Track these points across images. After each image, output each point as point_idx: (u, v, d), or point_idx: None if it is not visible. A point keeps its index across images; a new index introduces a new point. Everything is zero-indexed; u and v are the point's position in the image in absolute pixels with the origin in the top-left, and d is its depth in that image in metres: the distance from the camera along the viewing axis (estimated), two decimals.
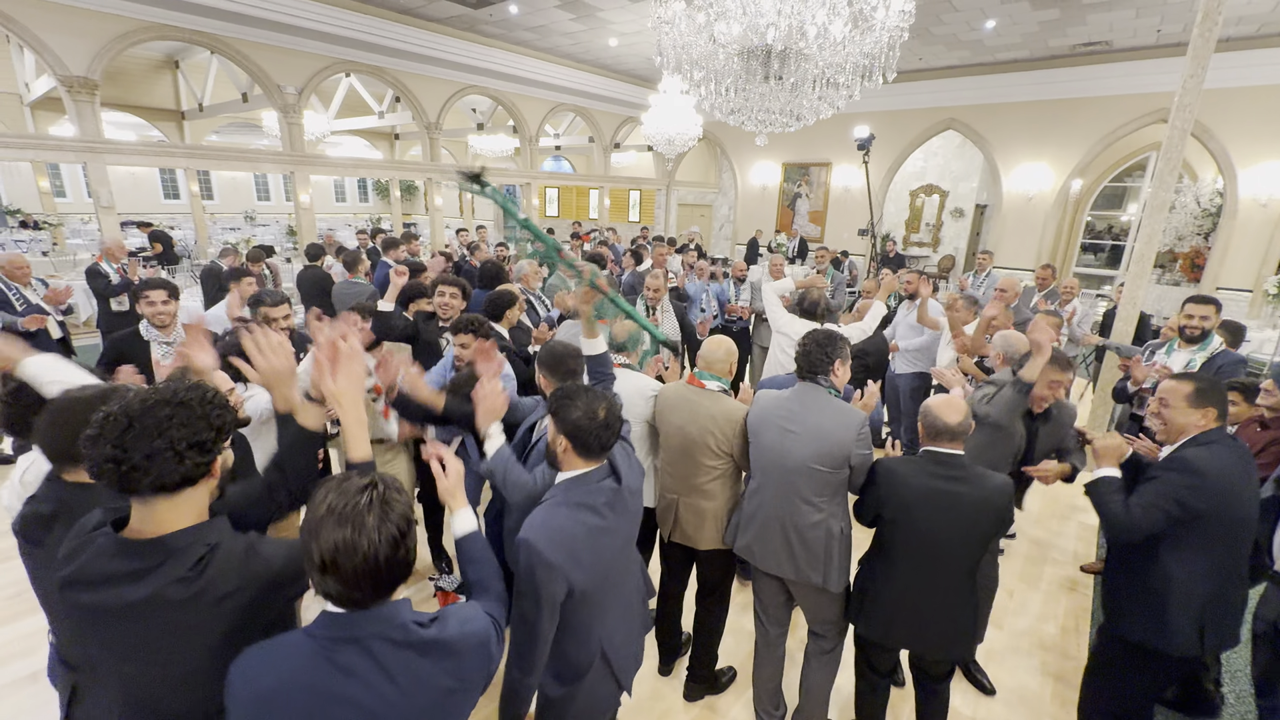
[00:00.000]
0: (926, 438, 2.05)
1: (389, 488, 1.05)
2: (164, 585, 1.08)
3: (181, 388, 1.13)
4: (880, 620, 2.11)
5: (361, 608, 1.04)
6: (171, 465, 1.06)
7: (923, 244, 14.42)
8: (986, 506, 1.95)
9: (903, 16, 3.59)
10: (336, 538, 0.98)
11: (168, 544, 1.10)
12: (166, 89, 12.70)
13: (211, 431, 1.12)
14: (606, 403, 1.61)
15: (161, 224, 15.81)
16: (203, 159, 9.41)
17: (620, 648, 1.75)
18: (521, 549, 1.48)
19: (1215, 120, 8.85)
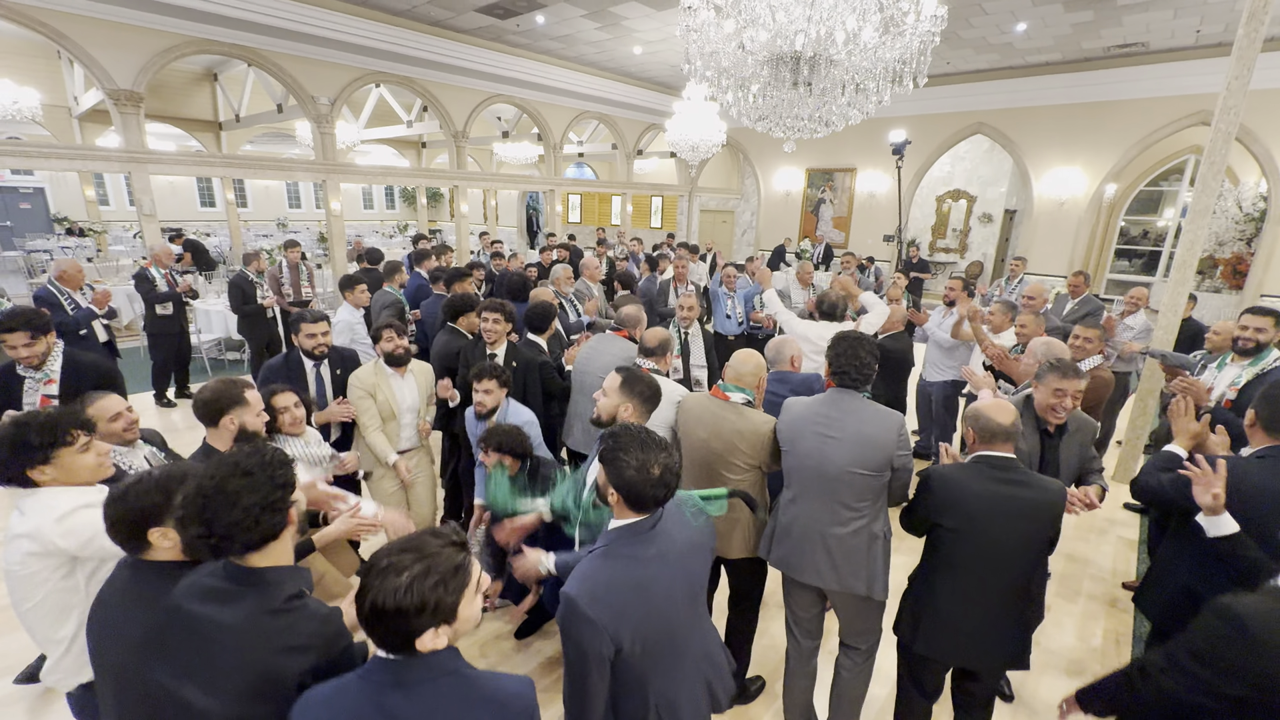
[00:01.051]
0: (980, 441, 1.99)
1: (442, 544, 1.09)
2: (255, 612, 1.19)
3: (242, 456, 1.25)
4: (943, 636, 2.01)
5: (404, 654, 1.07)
6: (252, 529, 1.20)
7: (949, 250, 14.19)
8: (1048, 509, 1.90)
9: (934, 21, 3.54)
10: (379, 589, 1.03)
11: (266, 575, 1.24)
12: (205, 101, 13.13)
13: (279, 491, 1.24)
14: (664, 455, 1.48)
15: (198, 232, 16.35)
16: (239, 168, 9.70)
17: (683, 708, 1.59)
18: (563, 604, 1.42)
19: (1259, 122, 8.57)
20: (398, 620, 1.03)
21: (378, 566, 1.05)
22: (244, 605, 1.19)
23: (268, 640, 1.16)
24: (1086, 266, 11.80)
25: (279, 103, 10.75)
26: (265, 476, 1.23)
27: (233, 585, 1.21)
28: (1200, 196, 4.37)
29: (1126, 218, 13.25)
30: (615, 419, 2.09)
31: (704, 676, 1.68)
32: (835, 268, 10.57)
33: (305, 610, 1.23)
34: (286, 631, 1.18)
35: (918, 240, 14.35)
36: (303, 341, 3.11)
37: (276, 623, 1.19)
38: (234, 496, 1.18)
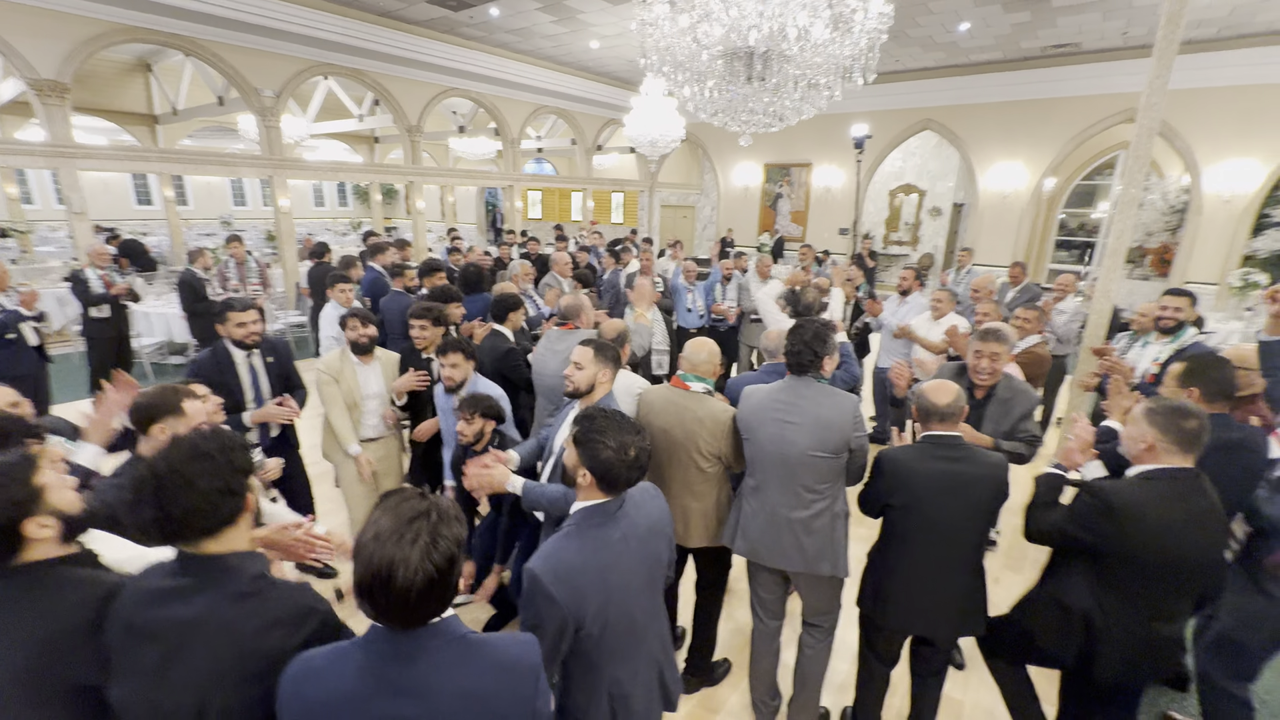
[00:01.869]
0: (921, 422, 2.10)
1: (442, 519, 1.05)
2: (218, 602, 1.14)
3: (199, 439, 1.20)
4: (900, 606, 2.13)
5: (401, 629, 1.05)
6: (209, 514, 1.15)
7: (902, 242, 14.66)
8: (989, 481, 2.02)
9: (881, 19, 3.66)
10: (377, 563, 0.99)
11: (224, 560, 1.18)
12: (138, 92, 12.43)
13: (238, 475, 1.20)
14: (638, 438, 1.51)
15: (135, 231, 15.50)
16: (178, 163, 9.23)
17: (635, 702, 1.58)
18: (525, 579, 1.43)
19: (1180, 120, 9.14)
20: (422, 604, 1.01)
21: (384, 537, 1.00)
22: (208, 596, 1.14)
23: (242, 623, 1.12)
24: (1028, 257, 12.36)
25: (220, 95, 10.28)
26: (224, 460, 1.18)
27: (191, 579, 1.16)
28: (1126, 189, 4.64)
29: (1065, 210, 13.94)
30: (594, 388, 2.18)
31: (658, 665, 1.69)
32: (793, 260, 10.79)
33: (274, 586, 1.20)
34: (260, 610, 1.14)
35: (872, 233, 14.77)
36: (231, 331, 3.00)
37: (247, 605, 1.15)
38: (191, 479, 1.13)
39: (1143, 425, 1.84)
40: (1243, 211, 9.20)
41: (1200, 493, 1.79)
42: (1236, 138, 8.98)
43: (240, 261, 6.29)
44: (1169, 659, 1.87)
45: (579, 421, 1.54)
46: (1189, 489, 1.78)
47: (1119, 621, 1.82)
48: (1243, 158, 9.00)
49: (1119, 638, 1.82)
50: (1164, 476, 1.80)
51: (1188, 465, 1.80)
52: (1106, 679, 1.87)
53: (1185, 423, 1.77)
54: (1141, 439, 1.84)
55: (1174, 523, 1.73)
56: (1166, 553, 1.74)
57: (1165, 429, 1.79)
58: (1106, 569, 1.83)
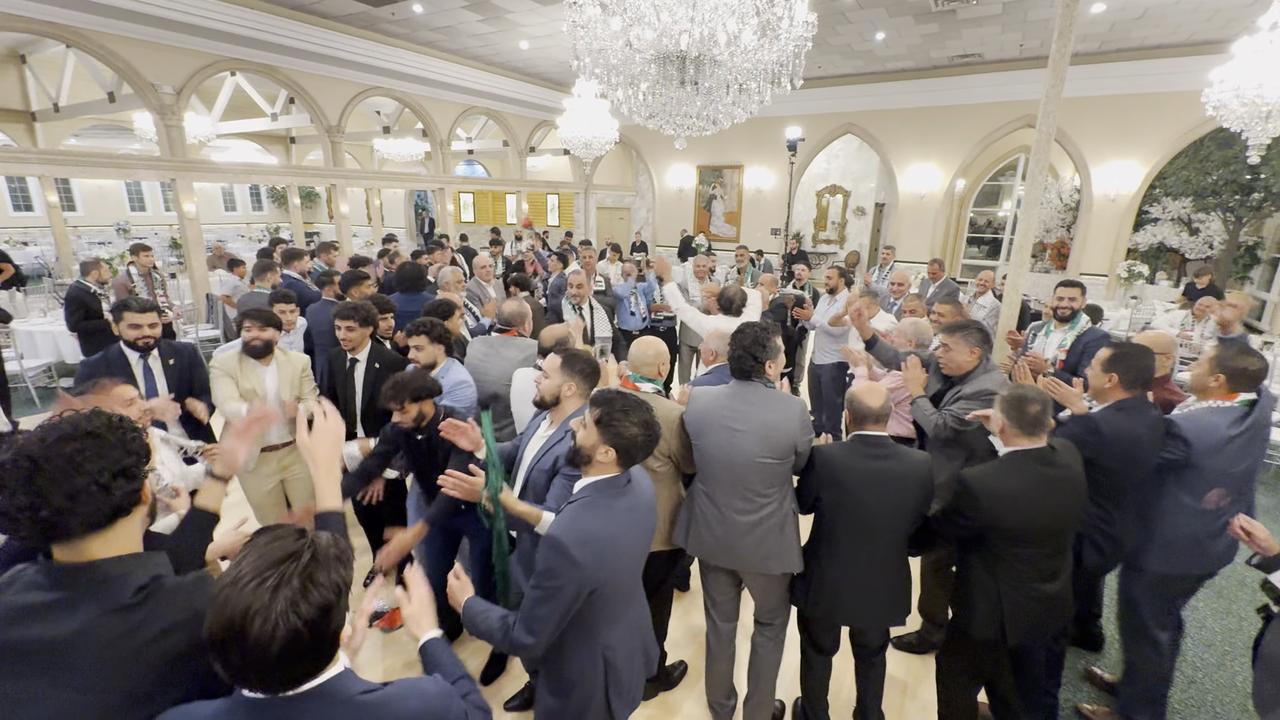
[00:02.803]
0: (854, 423, 2.19)
1: (317, 560, 0.89)
2: (97, 616, 0.95)
3: (82, 419, 1.01)
4: (827, 599, 2.21)
5: (272, 692, 0.89)
6: (99, 500, 0.96)
7: (830, 241, 15.28)
8: (913, 479, 2.12)
9: (806, 27, 3.78)
10: (229, 612, 0.83)
11: (102, 569, 0.99)
12: (12, 86, 11.17)
13: (132, 456, 1.02)
14: (652, 414, 1.65)
15: (11, 240, 13.94)
16: (62, 165, 8.34)
17: (622, 667, 1.69)
18: (547, 547, 1.49)
19: (1071, 125, 10.00)
20: (286, 664, 0.85)
21: (241, 582, 0.85)
22: (83, 611, 0.95)
23: (126, 640, 0.95)
24: (944, 254, 13.18)
25: (110, 91, 9.39)
26: (115, 439, 1.00)
27: (61, 592, 0.96)
28: (1030, 189, 5.01)
29: (974, 209, 14.96)
30: (559, 399, 2.16)
31: (641, 631, 1.80)
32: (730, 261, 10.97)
33: (163, 591, 1.01)
34: (148, 621, 0.97)
35: (801, 233, 15.31)
36: (125, 332, 2.88)
37: (131, 618, 0.97)
38: (76, 459, 0.95)
39: (996, 410, 2.10)
40: (1125, 209, 10.18)
41: (1050, 464, 2.02)
42: (1119, 142, 9.93)
43: (145, 273, 5.75)
44: (1058, 614, 2.13)
45: (599, 405, 1.63)
46: (1038, 462, 2.02)
47: (1012, 587, 2.05)
48: (1124, 159, 9.96)
49: (1018, 602, 2.05)
50: (1017, 456, 2.05)
51: (1038, 445, 2.03)
52: (1015, 641, 2.10)
53: (1028, 408, 2.01)
54: (996, 423, 2.11)
55: (1025, 493, 1.98)
56: (1026, 519, 1.99)
57: (1008, 414, 2.04)
58: (990, 545, 2.06)
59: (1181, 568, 2.39)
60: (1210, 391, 2.37)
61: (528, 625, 1.51)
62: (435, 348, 2.86)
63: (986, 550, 2.08)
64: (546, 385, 2.16)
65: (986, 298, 5.52)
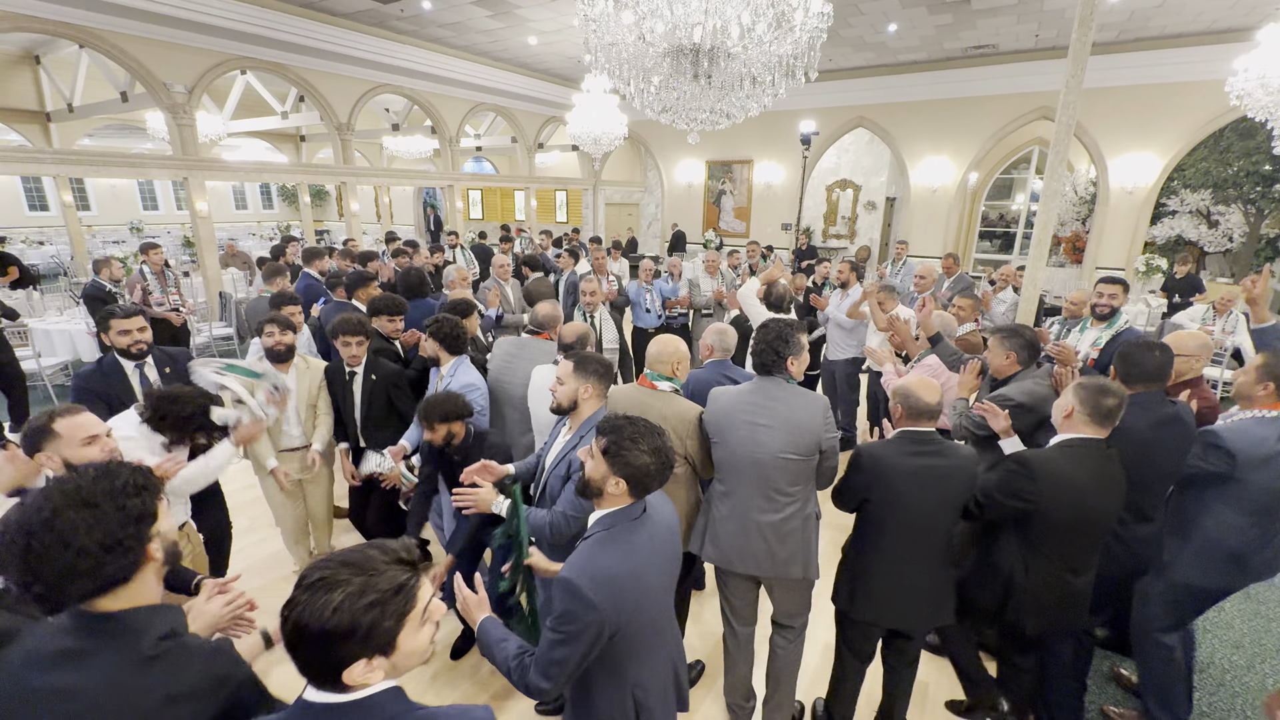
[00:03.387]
0: (907, 418, 2.12)
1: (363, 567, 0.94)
2: (117, 670, 0.97)
3: (87, 480, 1.00)
4: (876, 602, 2.15)
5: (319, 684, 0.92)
6: (93, 575, 0.96)
7: (840, 236, 15.15)
8: (962, 474, 2.07)
9: (821, 18, 3.72)
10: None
11: (121, 621, 1.01)
12: (27, 87, 11.27)
13: (131, 526, 1.01)
14: (663, 439, 1.56)
15: (27, 239, 14.10)
16: (77, 165, 8.42)
17: (655, 706, 1.62)
18: (561, 589, 1.42)
19: (1087, 117, 9.83)
20: (323, 645, 0.88)
21: (308, 580, 0.91)
22: (104, 662, 0.98)
23: (142, 697, 0.97)
24: (956, 248, 13.04)
25: (123, 90, 9.44)
26: (112, 507, 1.00)
27: (85, 641, 0.99)
28: (1049, 182, 4.92)
29: (986, 203, 14.77)
30: (577, 403, 2.12)
31: (673, 664, 1.73)
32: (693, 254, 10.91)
33: (183, 650, 1.04)
34: (164, 681, 1.00)
35: (811, 228, 15.20)
36: (115, 340, 2.77)
37: (149, 674, 0.99)
38: (67, 535, 0.94)
39: (1068, 395, 2.10)
40: (1143, 202, 10.00)
41: (1107, 459, 2.05)
42: (1136, 133, 9.75)
43: (158, 270, 5.79)
44: (1079, 608, 2.15)
45: (605, 433, 1.53)
46: (1098, 456, 2.03)
47: (1037, 576, 2.08)
48: (1141, 151, 9.78)
49: (1037, 591, 2.08)
50: (1077, 444, 2.05)
51: (1100, 436, 2.05)
52: (1029, 629, 2.13)
53: (1105, 399, 2.01)
54: (1064, 408, 2.10)
55: (1083, 484, 1.99)
56: (1076, 509, 2.00)
57: (1085, 401, 2.04)
58: (1030, 530, 2.07)
59: (1217, 582, 2.31)
60: (1257, 400, 2.27)
61: (543, 669, 1.44)
62: (437, 348, 2.85)
63: (1023, 536, 2.07)
64: (562, 391, 2.13)
65: (1007, 293, 5.45)
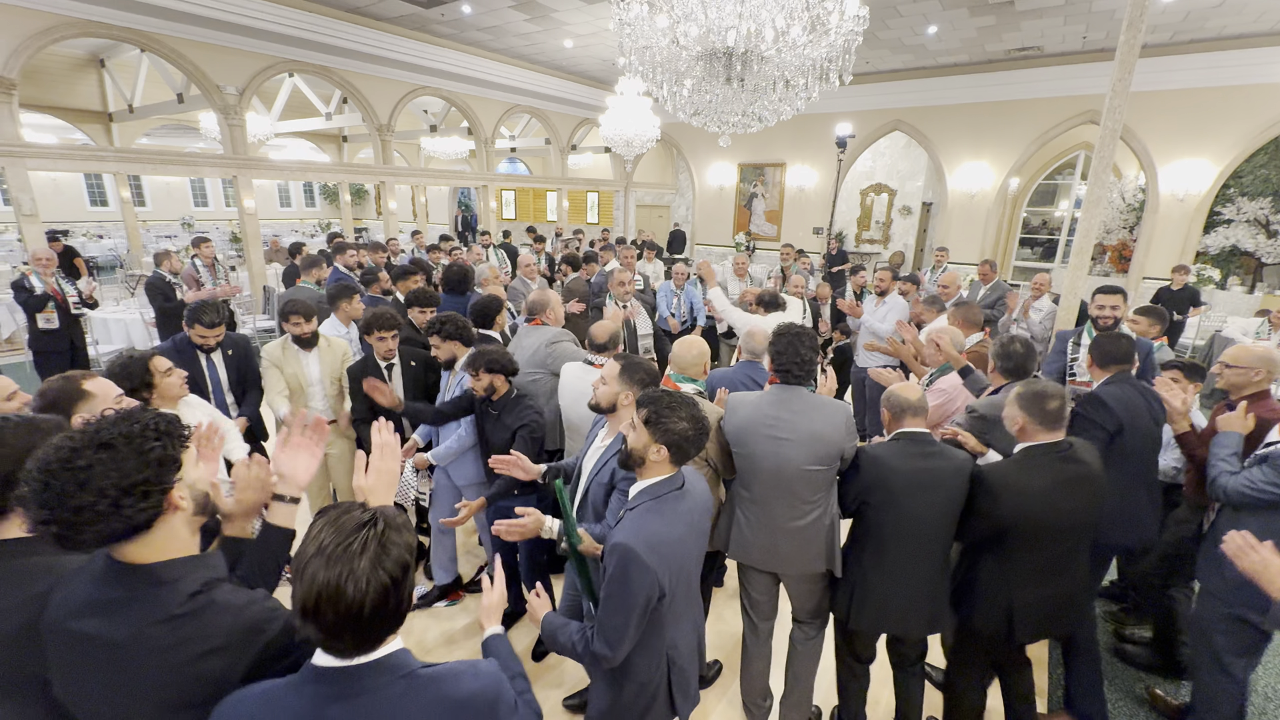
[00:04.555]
0: (894, 420, 2.13)
1: (389, 527, 0.96)
2: (148, 624, 0.99)
3: (107, 424, 0.99)
4: (873, 609, 2.13)
5: (348, 658, 0.94)
6: (109, 517, 0.95)
7: (874, 241, 14.90)
8: (959, 476, 2.05)
9: (857, 21, 3.70)
10: (322, 580, 0.89)
11: (154, 573, 1.02)
12: (92, 89, 11.91)
13: (149, 470, 0.99)
14: (699, 408, 1.64)
15: (89, 233, 14.87)
16: (136, 163, 8.87)
17: (685, 665, 1.72)
18: (617, 555, 1.50)
19: (1137, 121, 9.48)
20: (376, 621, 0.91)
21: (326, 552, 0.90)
22: (133, 615, 0.99)
23: (172, 652, 0.99)
24: (994, 255, 12.69)
25: (179, 92, 9.92)
26: (130, 450, 0.97)
27: (117, 591, 1.01)
28: (1093, 188, 4.78)
29: (1028, 209, 14.35)
30: (616, 407, 2.11)
31: (698, 628, 1.83)
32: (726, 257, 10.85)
33: (214, 606, 1.04)
34: (194, 638, 1.00)
35: (843, 233, 15.00)
36: (193, 338, 3.18)
37: (180, 630, 0.99)
38: (83, 475, 0.93)
39: (1013, 408, 2.06)
40: (1195, 210, 9.59)
41: (1069, 459, 2.00)
42: (1189, 138, 9.36)
43: (209, 263, 6.10)
44: (1073, 613, 2.14)
45: (644, 405, 1.62)
46: (1055, 459, 2.00)
47: (1023, 586, 2.03)
48: (1195, 158, 9.38)
49: (1027, 601, 2.03)
50: (1034, 451, 2.03)
51: (1056, 439, 2.02)
52: (1023, 639, 2.09)
53: (1047, 404, 1.99)
54: (1013, 421, 2.07)
55: (1044, 488, 1.96)
56: (1041, 515, 1.96)
57: (1027, 409, 2.02)
58: (1005, 543, 2.03)
59: None
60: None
61: (605, 636, 1.53)
62: (451, 344, 2.91)
63: (1000, 551, 2.05)
64: (603, 392, 2.14)
65: (1043, 301, 5.30)
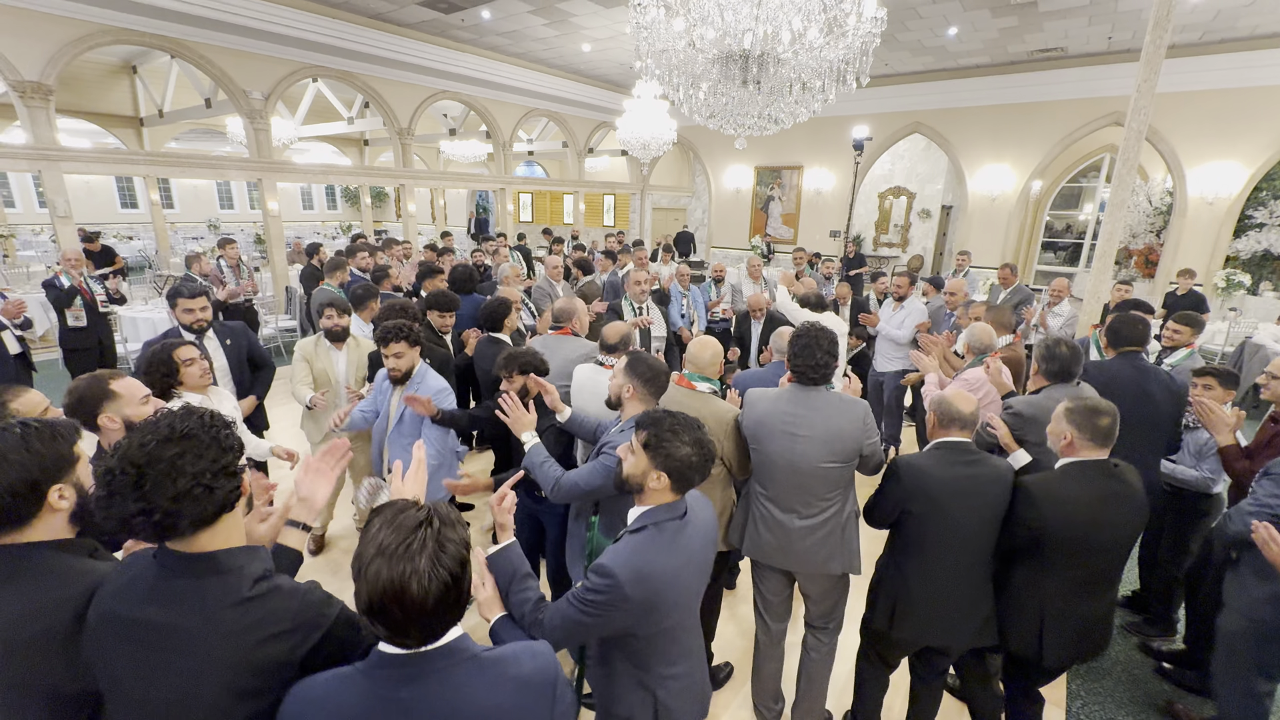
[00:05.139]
0: (940, 427, 2.09)
1: (444, 524, 1.00)
2: (219, 609, 1.03)
3: (175, 418, 1.05)
4: (917, 619, 2.08)
5: (412, 648, 0.99)
6: (205, 499, 1.02)
7: (892, 244, 14.76)
8: (1001, 484, 2.02)
9: (875, 23, 3.67)
10: (386, 579, 0.93)
11: (220, 560, 1.07)
12: (124, 94, 12.26)
13: (229, 454, 1.07)
14: (703, 431, 1.53)
15: (119, 234, 15.28)
16: (165, 166, 9.11)
17: (674, 705, 1.57)
18: (600, 575, 1.41)
19: (1164, 123, 9.28)
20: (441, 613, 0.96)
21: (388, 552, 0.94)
22: (203, 601, 1.03)
23: (243, 635, 1.02)
24: (1016, 259, 12.49)
25: (207, 97, 10.16)
26: (209, 437, 1.04)
27: (182, 580, 1.05)
28: (1116, 191, 4.70)
29: (1051, 212, 14.10)
30: (620, 400, 2.16)
31: (699, 668, 1.70)
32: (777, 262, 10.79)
33: (279, 591, 1.09)
34: (264, 621, 1.04)
35: (861, 236, 14.87)
36: (181, 316, 3.21)
37: (250, 613, 1.04)
38: (176, 462, 0.99)
39: (1062, 423, 2.02)
40: (1225, 213, 9.35)
41: (1113, 477, 1.97)
42: (1219, 140, 9.13)
43: (234, 264, 6.25)
44: (1102, 638, 2.07)
45: (645, 427, 1.51)
46: (1103, 474, 1.96)
47: (1056, 604, 1.99)
48: (1224, 160, 9.15)
49: (1060, 621, 1.99)
50: (1082, 465, 1.99)
51: (1102, 456, 1.98)
52: (1051, 663, 2.04)
53: (1099, 420, 1.95)
54: (1061, 435, 2.02)
55: (1088, 503, 1.92)
56: (1084, 529, 1.93)
57: (1079, 425, 1.97)
58: (1043, 557, 1.99)
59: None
60: None
61: (556, 622, 1.44)
62: (413, 352, 2.80)
63: (1036, 563, 2.01)
64: (612, 385, 2.21)
65: (1063, 305, 5.22)
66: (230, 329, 3.41)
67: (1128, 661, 3.03)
